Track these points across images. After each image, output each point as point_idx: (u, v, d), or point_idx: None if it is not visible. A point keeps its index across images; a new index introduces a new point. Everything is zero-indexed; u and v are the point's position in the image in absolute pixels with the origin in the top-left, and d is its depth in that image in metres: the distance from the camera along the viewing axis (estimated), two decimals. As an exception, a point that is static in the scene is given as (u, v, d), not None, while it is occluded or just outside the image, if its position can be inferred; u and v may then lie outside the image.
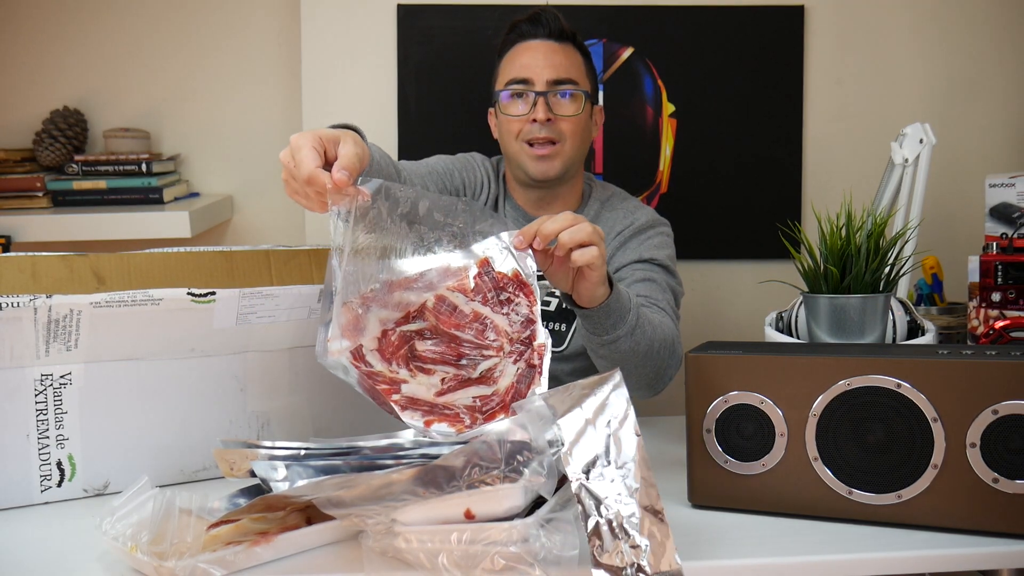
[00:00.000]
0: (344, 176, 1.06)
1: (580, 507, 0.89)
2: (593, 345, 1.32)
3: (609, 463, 0.91)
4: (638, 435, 0.93)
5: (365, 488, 0.91)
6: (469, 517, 0.91)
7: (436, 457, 0.93)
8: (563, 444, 0.91)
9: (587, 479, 0.90)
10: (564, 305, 1.59)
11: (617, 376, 0.97)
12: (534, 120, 1.55)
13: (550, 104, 1.55)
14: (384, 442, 1.01)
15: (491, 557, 0.89)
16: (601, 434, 0.93)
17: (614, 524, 0.88)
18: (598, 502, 0.89)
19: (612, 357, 1.31)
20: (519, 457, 0.90)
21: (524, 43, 1.59)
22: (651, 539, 0.88)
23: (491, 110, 1.66)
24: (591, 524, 0.88)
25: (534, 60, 1.57)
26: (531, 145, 1.56)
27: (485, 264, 1.15)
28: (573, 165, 1.60)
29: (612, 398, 0.95)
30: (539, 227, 1.15)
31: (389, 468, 0.94)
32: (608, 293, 1.25)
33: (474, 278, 1.14)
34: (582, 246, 1.15)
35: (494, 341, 1.12)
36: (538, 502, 0.93)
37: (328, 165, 1.08)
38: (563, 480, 0.95)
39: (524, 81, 1.56)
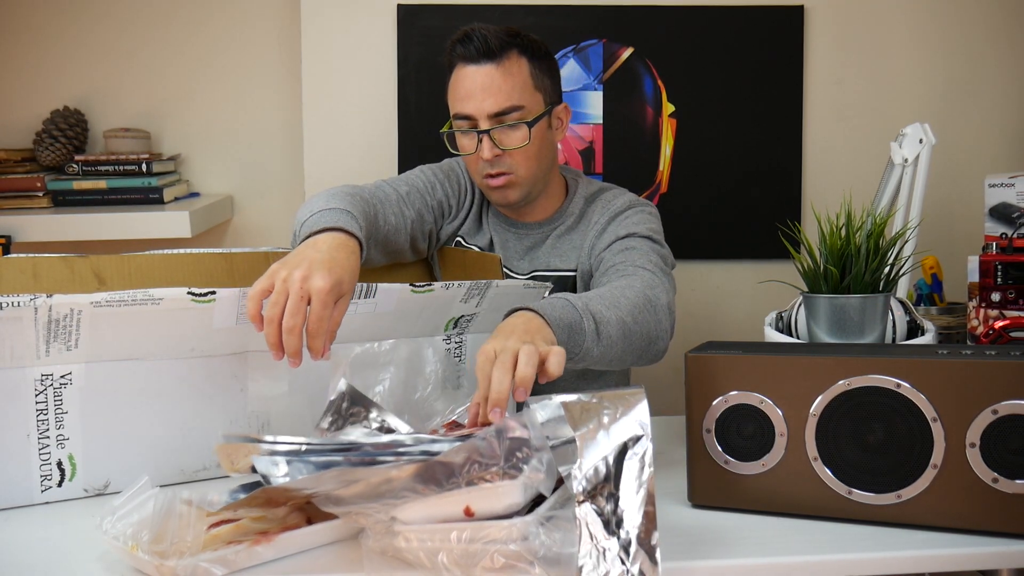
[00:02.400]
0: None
1: (579, 531, 0.90)
2: (570, 367, 1.21)
3: (617, 490, 0.91)
4: (650, 467, 0.92)
5: (365, 485, 0.91)
6: (469, 514, 0.91)
7: (436, 454, 0.93)
8: (577, 462, 0.91)
9: (591, 503, 0.90)
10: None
11: (641, 398, 0.96)
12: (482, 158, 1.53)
13: (495, 140, 1.52)
14: (385, 439, 1.01)
15: (491, 555, 0.89)
16: (612, 458, 0.92)
17: (608, 553, 0.89)
18: (597, 529, 0.90)
19: (596, 363, 1.25)
20: (518, 454, 0.90)
21: (463, 68, 1.53)
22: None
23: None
24: (584, 548, 0.89)
25: (472, 92, 1.52)
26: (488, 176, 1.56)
27: (452, 424, 1.14)
28: (535, 184, 1.59)
29: (632, 423, 0.94)
30: (486, 404, 1.05)
31: (389, 464, 0.94)
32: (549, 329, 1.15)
33: (443, 426, 1.12)
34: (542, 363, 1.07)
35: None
36: (538, 500, 0.93)
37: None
38: (562, 478, 0.95)
39: (467, 117, 1.53)
